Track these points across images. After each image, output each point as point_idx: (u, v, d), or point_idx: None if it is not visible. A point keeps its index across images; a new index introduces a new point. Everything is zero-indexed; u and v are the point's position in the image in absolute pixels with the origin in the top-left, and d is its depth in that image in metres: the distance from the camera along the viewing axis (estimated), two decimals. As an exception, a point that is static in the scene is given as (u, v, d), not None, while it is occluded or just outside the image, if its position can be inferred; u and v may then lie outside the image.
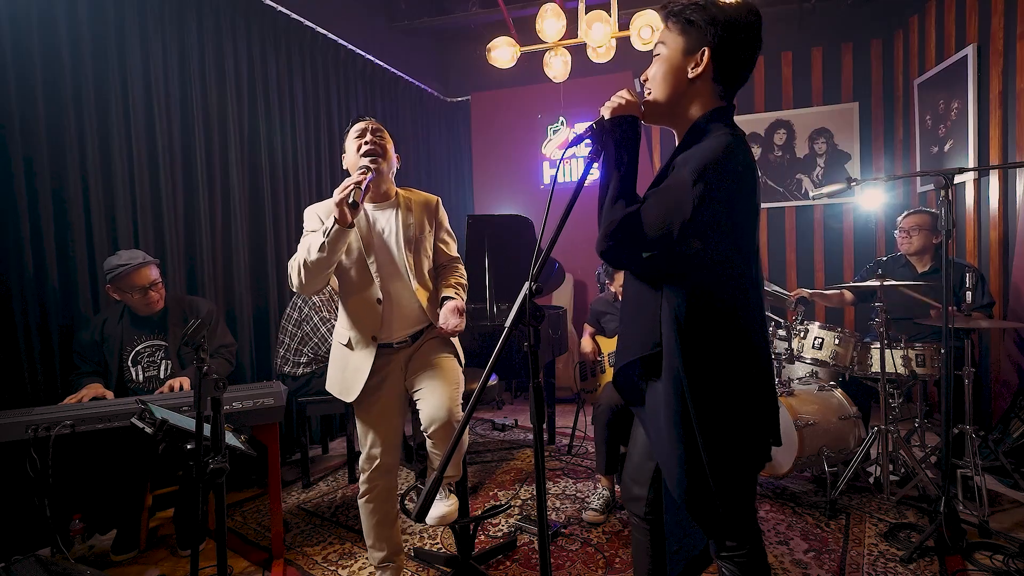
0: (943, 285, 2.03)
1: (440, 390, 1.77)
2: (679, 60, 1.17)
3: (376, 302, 1.81)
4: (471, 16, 4.66)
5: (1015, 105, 3.02)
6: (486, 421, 4.06)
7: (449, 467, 1.76)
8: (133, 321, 2.39)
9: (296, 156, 3.61)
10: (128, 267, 2.29)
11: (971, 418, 2.44)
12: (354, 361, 1.83)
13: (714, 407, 1.10)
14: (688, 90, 1.18)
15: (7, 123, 2.26)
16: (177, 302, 2.51)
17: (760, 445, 1.17)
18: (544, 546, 1.03)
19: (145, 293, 2.33)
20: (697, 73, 1.16)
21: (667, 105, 1.20)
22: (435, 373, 1.82)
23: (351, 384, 1.83)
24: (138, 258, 2.32)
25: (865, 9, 4.32)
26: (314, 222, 1.80)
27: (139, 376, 2.37)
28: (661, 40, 1.20)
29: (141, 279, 2.32)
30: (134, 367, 2.37)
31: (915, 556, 2.07)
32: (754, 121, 4.60)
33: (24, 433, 1.73)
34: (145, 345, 2.40)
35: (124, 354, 2.36)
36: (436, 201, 1.97)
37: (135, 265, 2.30)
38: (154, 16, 2.80)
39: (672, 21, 1.18)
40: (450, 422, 1.73)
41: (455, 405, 1.77)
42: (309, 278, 1.70)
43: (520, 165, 5.19)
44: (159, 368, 2.40)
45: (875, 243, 4.43)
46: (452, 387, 1.80)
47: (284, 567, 2.16)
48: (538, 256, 1.04)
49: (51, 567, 1.55)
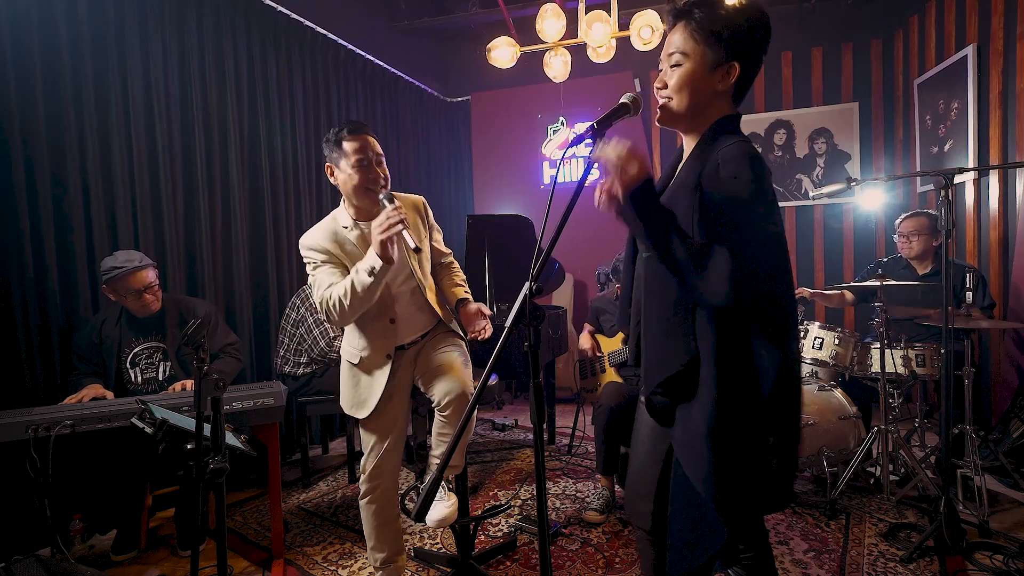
0: (943, 286, 2.03)
1: (454, 368, 1.80)
2: (704, 73, 1.14)
3: (390, 322, 1.80)
4: (471, 16, 4.66)
5: (1015, 105, 3.02)
6: (486, 421, 4.06)
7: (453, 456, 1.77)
8: (131, 323, 2.38)
9: (296, 156, 3.61)
10: (123, 270, 2.27)
11: (971, 418, 2.44)
12: (366, 380, 1.81)
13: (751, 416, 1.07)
14: (710, 100, 1.17)
15: (7, 123, 2.26)
16: (175, 303, 2.49)
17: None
18: (544, 546, 1.03)
19: (140, 296, 2.31)
20: (726, 87, 1.16)
21: (688, 116, 1.18)
22: (446, 357, 1.85)
23: (364, 401, 1.80)
24: (134, 260, 2.30)
25: (865, 9, 4.32)
26: (318, 253, 1.72)
27: (138, 378, 2.37)
28: (683, 50, 1.14)
29: (136, 282, 2.29)
30: (132, 369, 2.37)
31: (915, 556, 2.07)
32: (754, 121, 4.60)
33: (24, 433, 1.73)
34: (143, 347, 2.39)
35: (122, 356, 2.35)
36: (422, 202, 1.97)
37: (130, 268, 2.28)
38: (154, 16, 2.80)
39: (696, 32, 1.12)
40: (465, 394, 1.74)
41: (469, 380, 1.79)
42: (353, 314, 1.66)
43: (520, 165, 5.19)
44: (157, 369, 2.40)
45: (875, 243, 4.43)
46: (465, 368, 1.84)
47: (284, 567, 2.16)
48: (538, 256, 1.04)
49: (51, 567, 1.55)
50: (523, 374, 3.04)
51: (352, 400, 1.83)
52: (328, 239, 1.75)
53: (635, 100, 1.20)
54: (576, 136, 1.19)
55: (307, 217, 3.69)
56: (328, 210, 3.86)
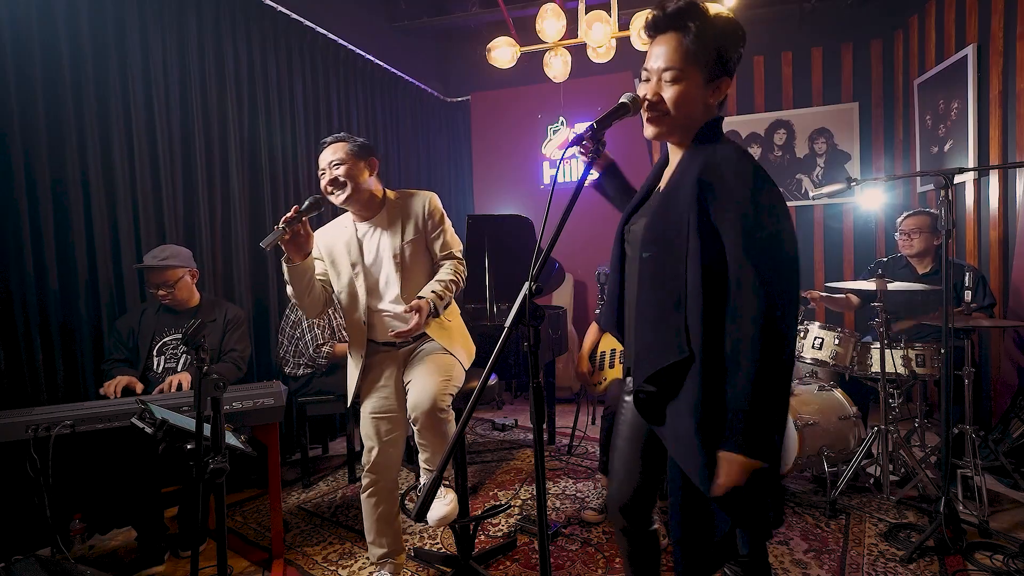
0: (943, 285, 2.03)
1: (428, 379, 1.78)
2: (702, 89, 1.18)
3: (362, 323, 1.90)
4: (471, 16, 4.66)
5: (1015, 105, 3.02)
6: (486, 421, 4.06)
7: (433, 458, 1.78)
8: (167, 312, 2.49)
9: (296, 156, 3.61)
10: (145, 265, 2.41)
11: (971, 418, 2.44)
12: (352, 367, 1.99)
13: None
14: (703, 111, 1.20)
15: (7, 123, 2.26)
16: (211, 302, 2.59)
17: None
18: (544, 546, 1.03)
19: (170, 289, 2.42)
20: (717, 100, 1.20)
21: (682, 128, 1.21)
22: (426, 365, 1.84)
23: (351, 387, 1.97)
24: (159, 257, 2.40)
25: (865, 9, 4.32)
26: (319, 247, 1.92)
27: (159, 367, 2.43)
28: (679, 66, 1.15)
29: (156, 278, 2.41)
30: (158, 357, 2.44)
31: (915, 556, 2.07)
32: (754, 121, 4.60)
33: (24, 433, 1.73)
34: (171, 337, 2.47)
35: (153, 343, 2.43)
36: (429, 197, 1.93)
37: (154, 266, 2.40)
38: (154, 16, 2.80)
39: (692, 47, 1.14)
40: (433, 411, 1.73)
41: (441, 395, 1.76)
42: (300, 303, 1.84)
43: (520, 165, 5.19)
44: (178, 361, 2.45)
45: (875, 243, 4.43)
46: (441, 378, 1.80)
47: (284, 567, 2.16)
48: (538, 256, 1.04)
49: (51, 567, 1.55)
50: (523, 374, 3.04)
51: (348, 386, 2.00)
52: (327, 235, 1.95)
53: (635, 100, 1.20)
54: (576, 136, 1.19)
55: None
56: (327, 211, 3.88)
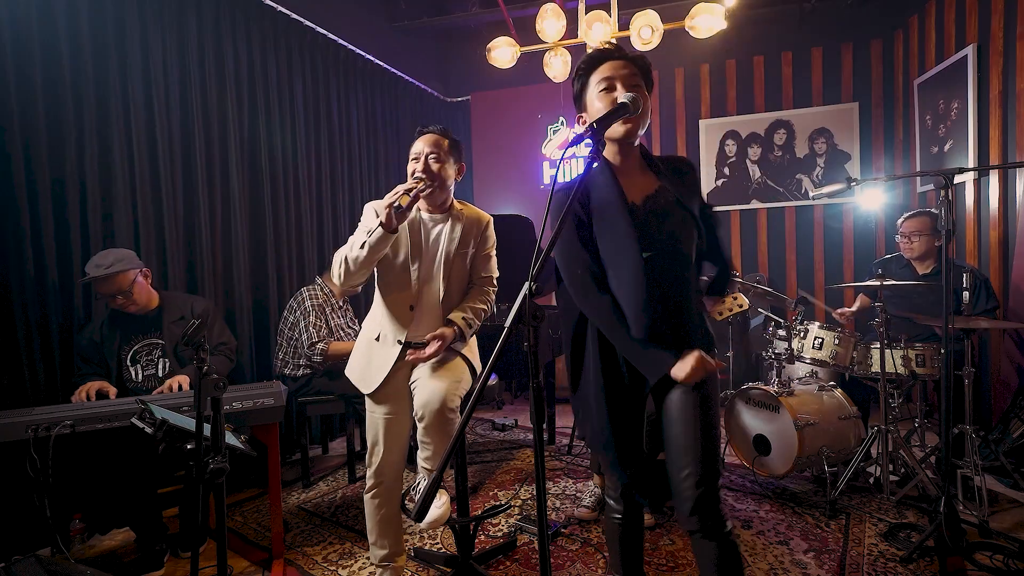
0: (943, 286, 2.03)
1: (438, 381, 1.78)
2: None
3: (409, 308, 1.85)
4: (471, 16, 4.66)
5: (1015, 105, 3.02)
6: (486, 421, 4.06)
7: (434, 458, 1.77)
8: (129, 320, 2.38)
9: (296, 156, 3.61)
10: (93, 277, 2.22)
11: (971, 418, 2.44)
12: (379, 357, 1.87)
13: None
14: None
15: (7, 122, 2.26)
16: (172, 300, 2.50)
17: None
18: (544, 546, 1.03)
19: (127, 295, 2.29)
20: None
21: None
22: (437, 367, 1.83)
23: (371, 378, 1.86)
24: (103, 266, 2.23)
25: (865, 9, 4.32)
26: (370, 217, 1.81)
27: (138, 376, 2.37)
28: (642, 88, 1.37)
29: (108, 287, 2.26)
30: (133, 366, 2.37)
31: (915, 556, 2.07)
32: (754, 121, 4.60)
33: (24, 433, 1.73)
34: (142, 344, 2.39)
35: (122, 353, 2.35)
36: (487, 221, 1.99)
37: (101, 276, 2.22)
38: (154, 17, 2.80)
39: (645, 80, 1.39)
40: (443, 410, 1.73)
41: (451, 396, 1.76)
42: (347, 274, 1.74)
43: (520, 165, 5.19)
44: (157, 367, 2.40)
45: (875, 243, 4.43)
46: (451, 381, 1.80)
47: (284, 567, 2.16)
48: (538, 256, 1.04)
49: (51, 567, 1.55)
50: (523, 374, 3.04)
51: (360, 372, 1.90)
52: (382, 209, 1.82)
53: (635, 100, 1.20)
54: (576, 136, 1.19)
55: (307, 217, 3.69)
56: (328, 210, 3.89)
